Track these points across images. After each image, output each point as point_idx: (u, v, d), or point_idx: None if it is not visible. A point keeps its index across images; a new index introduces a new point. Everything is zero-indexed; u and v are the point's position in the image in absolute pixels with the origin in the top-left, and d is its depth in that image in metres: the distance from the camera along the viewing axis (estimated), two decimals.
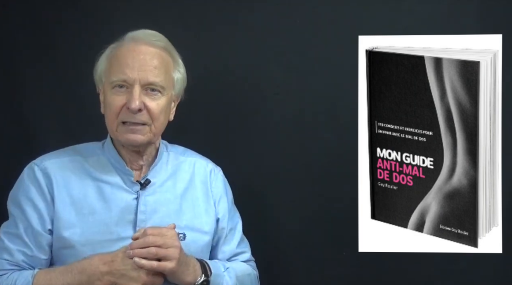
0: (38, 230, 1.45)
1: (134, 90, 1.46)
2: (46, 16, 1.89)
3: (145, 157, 1.55)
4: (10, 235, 1.47)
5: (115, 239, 1.46)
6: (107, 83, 1.50)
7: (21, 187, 1.50)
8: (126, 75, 1.46)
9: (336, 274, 1.90)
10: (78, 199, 1.48)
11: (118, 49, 1.51)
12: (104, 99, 1.51)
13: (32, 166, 1.51)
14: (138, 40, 1.51)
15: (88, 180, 1.51)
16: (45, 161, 1.51)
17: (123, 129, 1.48)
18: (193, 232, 1.53)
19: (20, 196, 1.49)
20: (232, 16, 1.89)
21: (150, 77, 1.47)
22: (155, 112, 1.49)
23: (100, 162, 1.54)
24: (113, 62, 1.49)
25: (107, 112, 1.50)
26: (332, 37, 1.88)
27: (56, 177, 1.49)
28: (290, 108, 1.90)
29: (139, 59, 1.48)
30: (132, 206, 1.50)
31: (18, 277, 1.42)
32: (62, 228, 1.45)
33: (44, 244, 1.46)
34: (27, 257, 1.45)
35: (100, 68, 1.54)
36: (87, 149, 1.57)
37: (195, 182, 1.61)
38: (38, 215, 1.46)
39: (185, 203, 1.57)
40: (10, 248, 1.45)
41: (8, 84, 1.90)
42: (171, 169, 1.59)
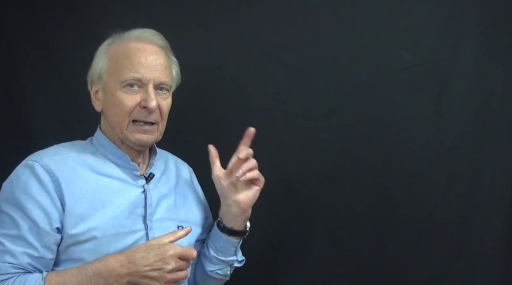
0: (45, 229, 1.39)
1: (149, 90, 1.48)
2: (44, 15, 1.89)
3: (142, 154, 1.57)
4: (10, 237, 1.39)
5: (127, 232, 1.46)
6: (114, 82, 1.49)
7: (18, 185, 1.42)
8: (140, 74, 1.47)
9: (336, 274, 1.90)
10: (88, 193, 1.45)
11: (122, 47, 1.51)
12: (110, 98, 1.50)
13: (30, 163, 1.44)
14: (143, 39, 1.53)
15: (93, 175, 1.48)
16: (44, 158, 1.45)
17: (134, 129, 1.49)
18: (188, 225, 1.55)
19: (18, 195, 1.41)
20: (231, 16, 1.89)
21: (162, 77, 1.51)
22: (165, 111, 1.53)
23: (97, 157, 1.52)
24: (121, 60, 1.49)
25: (116, 110, 1.49)
26: (332, 37, 1.88)
27: (61, 173, 1.44)
28: (289, 108, 1.90)
29: (151, 59, 1.50)
30: (140, 200, 1.52)
31: (26, 281, 1.36)
32: (75, 223, 1.41)
33: (52, 243, 1.40)
34: (33, 258, 1.39)
35: (99, 66, 1.53)
36: (78, 146, 1.55)
37: (181, 179, 1.67)
38: (43, 213, 1.39)
39: (178, 198, 1.62)
40: (13, 251, 1.37)
41: (6, 83, 1.89)
42: (162, 165, 1.64)
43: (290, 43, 1.89)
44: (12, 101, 1.89)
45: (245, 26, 1.89)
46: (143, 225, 1.50)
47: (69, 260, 1.43)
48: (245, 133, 1.59)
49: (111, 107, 1.50)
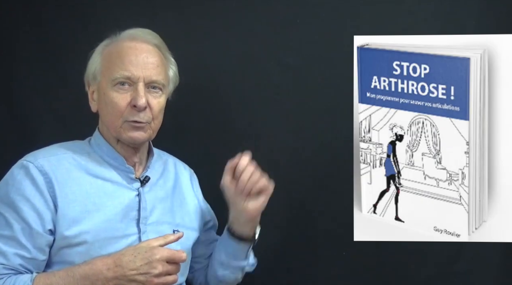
0: (38, 231, 1.39)
1: (139, 88, 1.47)
2: (44, 15, 1.89)
3: (138, 154, 1.56)
4: (3, 237, 1.38)
5: (120, 236, 1.45)
6: (106, 81, 1.49)
7: (12, 186, 1.42)
8: (130, 72, 1.47)
9: (337, 273, 1.90)
10: (81, 196, 1.44)
11: (116, 46, 1.51)
12: (102, 97, 1.50)
13: (25, 164, 1.43)
14: (136, 38, 1.52)
15: (87, 177, 1.48)
16: (39, 159, 1.45)
17: (126, 126, 1.48)
18: (184, 229, 1.55)
19: (12, 195, 1.40)
20: (231, 16, 1.89)
21: (153, 75, 1.49)
22: (156, 110, 1.50)
23: (93, 159, 1.52)
24: (113, 59, 1.49)
25: (108, 109, 1.49)
26: (332, 37, 1.88)
27: (55, 174, 1.43)
28: (289, 108, 1.90)
29: (142, 57, 1.49)
30: (134, 203, 1.50)
31: (15, 282, 1.36)
32: (67, 226, 1.41)
33: (44, 245, 1.40)
34: (24, 260, 1.38)
35: (94, 66, 1.53)
36: (75, 147, 1.54)
37: (180, 182, 1.65)
38: (36, 214, 1.39)
39: (175, 201, 1.60)
40: (5, 252, 1.37)
41: (5, 83, 1.89)
42: (160, 167, 1.63)
43: (290, 43, 1.89)
44: (11, 101, 1.89)
45: (245, 26, 1.89)
46: (136, 228, 1.48)
47: (62, 262, 1.42)
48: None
49: (104, 106, 1.50)
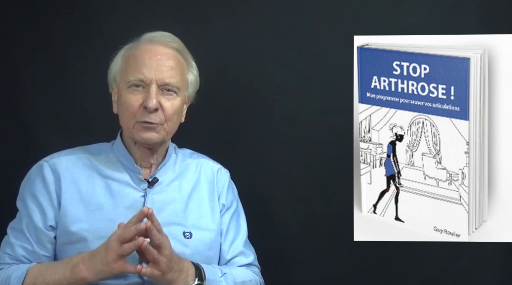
0: (39, 227, 1.48)
1: (151, 90, 1.49)
2: (45, 16, 1.89)
3: (155, 156, 1.58)
4: (14, 230, 1.50)
5: None
6: (123, 83, 1.52)
7: (28, 183, 1.54)
8: (143, 74, 1.49)
9: (337, 273, 1.90)
10: (86, 195, 1.50)
11: (135, 49, 1.54)
12: (120, 98, 1.53)
13: (41, 163, 1.54)
14: (154, 41, 1.54)
15: (97, 177, 1.53)
16: (54, 158, 1.54)
17: (139, 127, 1.50)
18: (199, 230, 1.55)
19: (25, 192, 1.52)
20: (231, 17, 1.89)
21: (167, 77, 1.51)
22: (169, 112, 1.52)
23: (109, 160, 1.57)
24: (130, 62, 1.52)
25: (123, 110, 1.52)
26: (332, 37, 1.88)
27: (64, 173, 1.51)
28: (289, 108, 1.90)
29: (156, 59, 1.51)
30: (139, 203, 1.52)
31: (15, 270, 1.44)
32: (69, 223, 1.47)
33: (44, 240, 1.48)
34: (27, 252, 1.48)
35: (115, 68, 1.56)
36: (97, 148, 1.60)
37: (201, 182, 1.64)
38: (40, 211, 1.49)
39: (192, 202, 1.59)
40: (12, 243, 1.48)
41: (7, 84, 1.89)
42: (179, 170, 1.62)
43: (290, 43, 1.89)
44: (13, 102, 1.89)
45: (245, 26, 1.89)
46: None
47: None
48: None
49: (120, 107, 1.54)
